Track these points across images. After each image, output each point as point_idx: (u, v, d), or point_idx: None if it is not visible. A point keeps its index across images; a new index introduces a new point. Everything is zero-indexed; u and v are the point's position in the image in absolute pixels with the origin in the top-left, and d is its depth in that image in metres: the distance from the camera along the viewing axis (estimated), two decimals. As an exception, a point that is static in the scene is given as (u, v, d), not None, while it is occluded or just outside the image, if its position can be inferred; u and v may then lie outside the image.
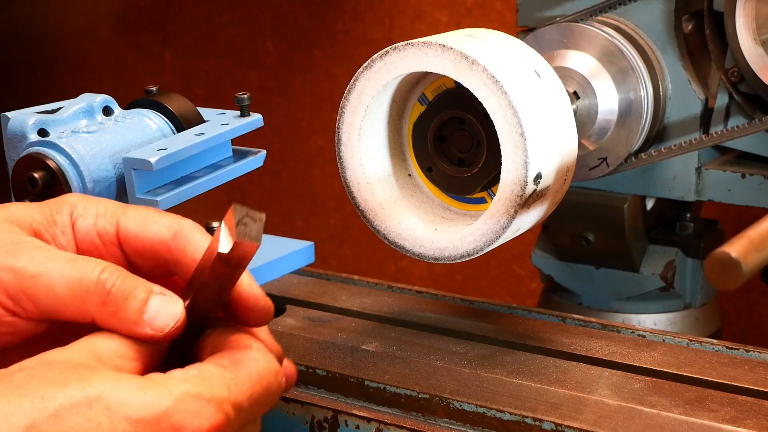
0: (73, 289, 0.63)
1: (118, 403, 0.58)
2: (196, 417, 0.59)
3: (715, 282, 0.60)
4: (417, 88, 0.83)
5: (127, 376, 0.60)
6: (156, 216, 0.69)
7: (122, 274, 0.64)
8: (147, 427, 0.58)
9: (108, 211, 0.69)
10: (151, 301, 0.64)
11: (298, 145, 2.11)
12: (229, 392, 0.61)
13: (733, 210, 1.26)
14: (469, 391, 0.76)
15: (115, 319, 0.63)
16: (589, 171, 0.98)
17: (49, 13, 2.40)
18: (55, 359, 0.60)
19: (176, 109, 0.86)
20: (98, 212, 0.69)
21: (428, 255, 0.79)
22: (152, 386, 0.59)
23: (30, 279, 0.63)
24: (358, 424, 0.77)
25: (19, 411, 0.56)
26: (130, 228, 0.68)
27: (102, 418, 0.57)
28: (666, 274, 1.12)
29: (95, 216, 0.69)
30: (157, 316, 0.63)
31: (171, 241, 0.67)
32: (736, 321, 1.69)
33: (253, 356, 0.64)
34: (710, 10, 0.99)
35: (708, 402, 0.74)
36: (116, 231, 0.69)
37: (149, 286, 0.65)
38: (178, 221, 0.68)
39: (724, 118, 1.00)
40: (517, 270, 1.91)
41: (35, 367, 0.59)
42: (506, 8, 1.80)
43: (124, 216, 0.69)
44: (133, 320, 0.63)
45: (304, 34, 2.05)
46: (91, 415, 0.57)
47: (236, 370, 0.62)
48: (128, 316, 0.63)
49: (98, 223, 0.69)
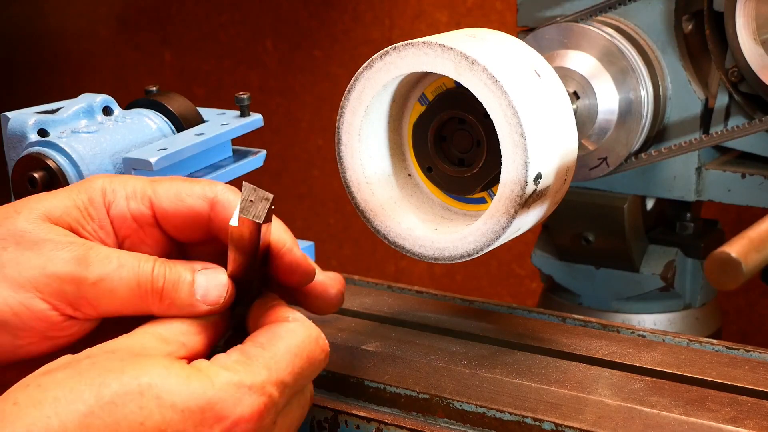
0: (133, 290, 0.66)
1: (166, 393, 0.61)
2: (238, 405, 0.62)
3: (715, 282, 0.60)
4: (417, 88, 0.83)
5: (178, 365, 0.62)
6: (187, 187, 0.70)
7: (166, 265, 0.67)
8: (192, 416, 0.61)
9: (137, 191, 0.70)
10: (198, 280, 0.67)
11: (298, 145, 2.11)
12: (269, 373, 0.64)
13: (733, 210, 1.26)
14: (469, 391, 0.76)
15: (174, 308, 0.67)
16: (589, 171, 0.98)
17: (49, 13, 2.40)
18: (118, 347, 0.64)
19: (176, 109, 0.86)
20: (127, 194, 0.70)
21: (428, 255, 0.79)
22: (197, 376, 0.62)
23: (91, 286, 0.65)
24: (358, 424, 0.77)
25: (80, 398, 0.60)
26: (166, 207, 0.69)
27: (152, 407, 0.60)
28: (666, 274, 1.12)
29: (126, 199, 0.69)
30: (208, 293, 0.67)
31: (209, 210, 0.69)
32: (736, 321, 1.69)
33: (290, 328, 0.66)
34: (710, 10, 0.99)
35: (708, 402, 0.74)
36: (152, 212, 0.69)
37: (191, 265, 0.68)
38: (211, 188, 0.70)
39: (724, 118, 1.00)
40: (517, 270, 1.91)
41: (99, 355, 0.62)
42: (506, 8, 1.80)
43: (156, 196, 0.69)
44: (189, 303, 0.67)
45: (304, 34, 2.05)
46: (143, 402, 0.60)
47: (274, 347, 0.65)
48: (183, 301, 0.67)
49: (131, 206, 0.69)
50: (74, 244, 0.66)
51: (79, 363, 0.62)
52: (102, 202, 0.69)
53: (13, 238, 0.65)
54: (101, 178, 0.71)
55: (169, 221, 0.70)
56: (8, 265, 0.65)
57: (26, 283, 0.65)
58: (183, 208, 0.69)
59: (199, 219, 0.69)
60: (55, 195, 0.69)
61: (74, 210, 0.68)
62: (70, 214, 0.68)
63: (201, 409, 0.61)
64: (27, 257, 0.65)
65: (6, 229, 0.66)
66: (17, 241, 0.65)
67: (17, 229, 0.66)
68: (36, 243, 0.65)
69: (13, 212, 0.67)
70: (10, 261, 0.65)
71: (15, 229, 0.66)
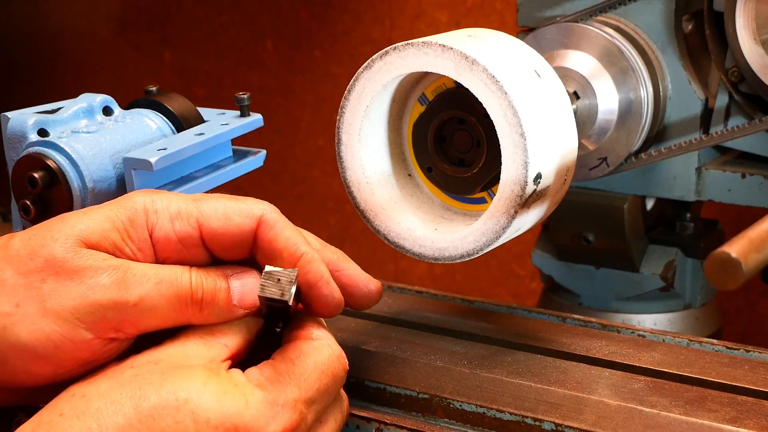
0: (173, 305, 0.66)
1: (202, 409, 0.62)
2: (271, 423, 0.64)
3: (715, 282, 0.60)
4: (417, 88, 0.83)
5: (215, 380, 0.64)
6: (234, 206, 0.69)
7: (202, 274, 0.68)
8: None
9: (182, 212, 0.69)
10: (232, 286, 0.68)
11: (298, 145, 2.10)
12: (300, 391, 0.65)
13: (733, 210, 1.26)
14: (469, 391, 0.76)
15: (213, 316, 0.68)
16: (589, 171, 0.98)
17: (49, 13, 2.39)
18: (161, 357, 0.65)
19: (176, 109, 0.86)
20: (172, 215, 0.68)
21: (428, 255, 0.79)
22: (232, 393, 0.63)
23: (132, 308, 0.65)
24: (358, 424, 0.77)
25: (120, 410, 0.61)
26: (214, 227, 0.69)
27: (188, 422, 0.62)
28: (666, 274, 1.12)
29: (170, 221, 0.68)
30: (244, 297, 0.68)
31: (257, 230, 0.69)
32: (736, 321, 1.69)
33: (316, 346, 0.68)
34: (710, 10, 0.99)
35: (708, 402, 0.74)
36: (199, 233, 0.69)
37: (223, 271, 0.69)
38: (258, 206, 0.69)
39: (724, 118, 1.00)
40: (517, 270, 1.91)
41: (143, 366, 0.64)
42: (506, 8, 1.80)
43: (203, 216, 0.69)
44: (227, 310, 0.68)
45: (304, 34, 2.05)
46: (179, 417, 0.62)
47: (303, 363, 0.67)
48: (221, 309, 0.68)
49: (176, 227, 0.68)
50: (112, 268, 0.65)
51: (122, 374, 0.63)
52: (144, 223, 0.68)
53: (52, 268, 0.64)
54: (142, 195, 0.69)
55: (217, 241, 0.69)
56: (50, 297, 0.64)
57: (69, 316, 0.64)
58: (232, 227, 0.68)
59: (246, 238, 0.69)
60: (92, 215, 0.67)
61: (113, 232, 0.67)
62: (108, 237, 0.67)
63: (235, 426, 0.63)
64: (67, 288, 0.64)
65: (44, 259, 0.65)
66: (56, 271, 0.64)
67: (56, 258, 0.65)
68: (75, 272, 0.64)
69: (50, 239, 0.65)
70: (52, 293, 0.64)
71: (53, 258, 0.65)
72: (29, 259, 0.65)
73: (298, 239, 0.69)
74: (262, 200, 0.70)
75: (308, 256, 0.69)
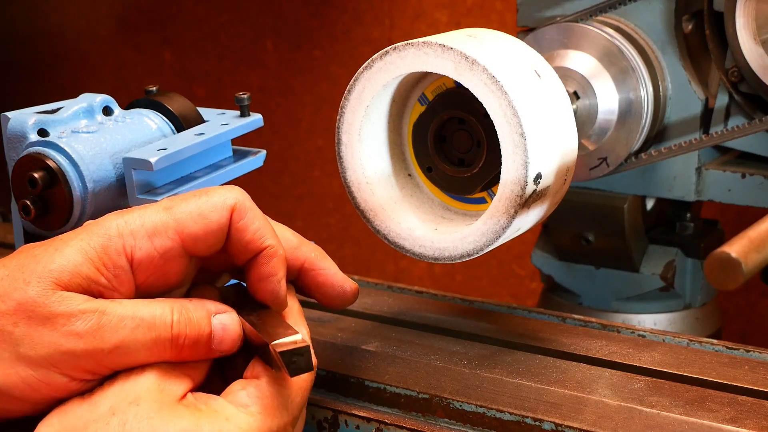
0: (151, 350, 0.65)
1: None
2: None
3: (715, 282, 0.60)
4: (417, 88, 0.83)
5: (205, 418, 0.63)
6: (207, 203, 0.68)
7: (187, 319, 0.66)
8: None
9: (159, 226, 0.67)
10: (214, 329, 0.67)
11: (298, 145, 2.10)
12: (289, 414, 0.66)
13: (733, 210, 1.26)
14: (469, 391, 0.76)
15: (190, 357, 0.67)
16: (589, 171, 0.98)
17: (49, 13, 2.39)
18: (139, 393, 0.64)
19: (176, 109, 0.86)
20: (149, 232, 0.67)
21: (428, 255, 0.79)
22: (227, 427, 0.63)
23: (107, 354, 0.64)
24: (358, 424, 0.77)
25: None
26: (194, 231, 0.68)
27: None
28: (666, 274, 1.12)
29: (149, 238, 0.67)
30: (223, 341, 0.67)
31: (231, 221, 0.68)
32: (736, 321, 1.69)
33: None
34: (710, 10, 0.99)
35: (708, 402, 0.74)
36: (180, 242, 0.68)
37: (207, 309, 0.68)
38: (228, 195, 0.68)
39: (724, 118, 1.00)
40: (517, 270, 1.91)
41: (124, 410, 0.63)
42: (506, 8, 1.80)
43: (180, 223, 0.67)
44: (205, 352, 0.67)
45: (304, 34, 2.05)
46: None
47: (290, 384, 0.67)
48: (201, 351, 0.67)
49: (156, 244, 0.67)
50: (86, 314, 0.63)
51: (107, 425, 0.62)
52: (120, 249, 0.66)
53: (24, 312, 0.63)
54: (114, 218, 0.67)
55: (198, 243, 0.68)
56: (23, 343, 0.63)
57: (42, 361, 0.63)
58: (210, 225, 0.68)
59: (223, 230, 0.68)
60: (63, 251, 0.65)
61: (85, 266, 0.65)
62: (81, 272, 0.65)
63: None
64: (40, 334, 0.63)
65: (16, 302, 0.63)
66: (28, 315, 0.63)
67: (27, 302, 0.63)
68: (48, 318, 0.63)
69: (22, 282, 0.64)
70: (24, 338, 0.63)
71: (25, 302, 0.63)
72: (1, 302, 0.63)
73: (266, 231, 0.69)
74: (232, 186, 0.70)
75: (271, 250, 0.69)
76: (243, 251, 0.69)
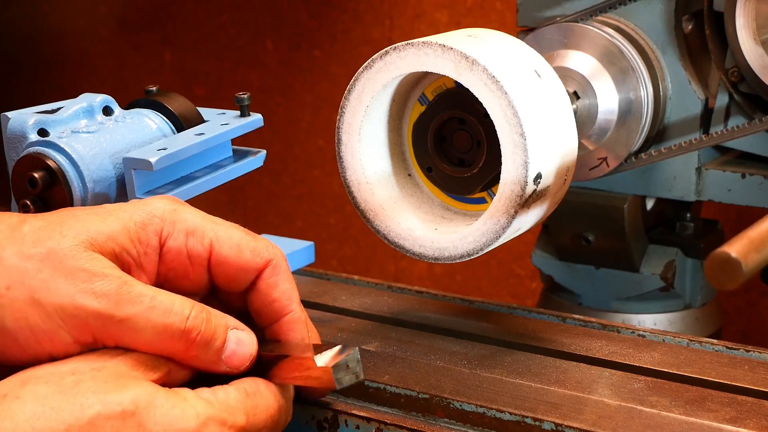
0: (159, 335, 0.65)
1: (149, 421, 0.61)
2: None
3: (715, 282, 0.60)
4: (417, 88, 0.83)
5: (163, 393, 0.62)
6: (248, 241, 0.69)
7: (205, 319, 0.66)
8: None
9: (198, 229, 0.68)
10: (229, 342, 0.67)
11: (298, 145, 2.10)
12: (247, 421, 0.65)
13: (733, 210, 1.26)
14: (469, 391, 0.76)
15: (196, 360, 0.66)
16: (589, 171, 0.98)
17: (49, 13, 2.39)
18: (106, 365, 0.63)
19: (176, 109, 0.86)
20: (188, 229, 0.68)
21: (428, 255, 0.79)
22: (182, 406, 0.62)
23: (117, 324, 0.64)
24: (358, 424, 0.77)
25: (59, 416, 0.59)
26: (225, 254, 0.68)
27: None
28: (666, 274, 1.12)
29: (185, 234, 0.68)
30: (234, 356, 0.67)
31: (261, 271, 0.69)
32: (736, 321, 1.68)
33: (273, 389, 0.68)
34: (710, 10, 0.99)
35: (708, 402, 0.74)
36: (209, 254, 0.68)
37: (227, 321, 0.67)
38: (270, 249, 0.70)
39: (724, 118, 1.00)
40: (517, 270, 1.91)
41: (86, 373, 0.62)
42: (506, 8, 1.80)
43: (218, 239, 0.68)
44: (212, 360, 0.67)
45: (304, 34, 2.04)
46: (124, 428, 0.60)
47: (257, 400, 0.66)
48: (208, 357, 0.66)
49: (189, 243, 0.68)
50: (109, 278, 0.64)
51: (62, 379, 0.62)
52: (158, 230, 0.67)
53: (52, 261, 0.64)
54: (165, 202, 0.69)
55: (223, 268, 0.69)
56: (40, 289, 0.63)
57: (53, 313, 0.63)
58: (241, 260, 0.69)
59: (250, 275, 0.69)
60: (106, 216, 0.67)
61: (122, 234, 0.66)
62: (116, 239, 0.66)
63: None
64: (58, 284, 0.63)
65: (47, 249, 0.64)
66: (54, 265, 0.64)
67: (58, 253, 0.64)
68: (72, 272, 0.63)
69: (59, 234, 0.65)
70: (42, 285, 0.63)
71: (56, 252, 0.64)
72: (32, 245, 0.64)
73: (292, 294, 0.70)
74: (274, 244, 0.71)
75: (295, 315, 0.71)
76: (266, 309, 0.70)
